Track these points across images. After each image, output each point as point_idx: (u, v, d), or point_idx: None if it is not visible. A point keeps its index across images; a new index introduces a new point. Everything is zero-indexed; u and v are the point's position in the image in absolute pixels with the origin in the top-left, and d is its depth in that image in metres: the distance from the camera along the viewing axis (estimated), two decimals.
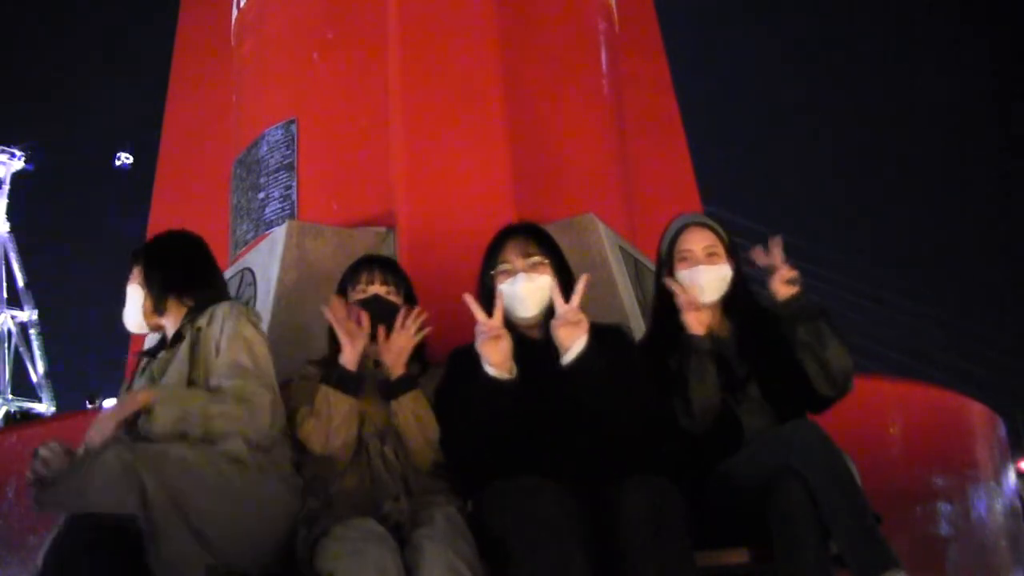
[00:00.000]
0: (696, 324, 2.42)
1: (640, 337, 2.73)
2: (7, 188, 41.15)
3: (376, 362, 2.52)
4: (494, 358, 2.25)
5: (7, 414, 37.08)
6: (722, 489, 2.28)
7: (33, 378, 40.29)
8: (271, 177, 3.90)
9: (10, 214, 41.43)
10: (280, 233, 3.35)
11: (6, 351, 39.83)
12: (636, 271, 3.59)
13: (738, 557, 2.20)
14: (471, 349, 2.40)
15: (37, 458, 2.06)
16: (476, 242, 2.61)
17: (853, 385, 2.44)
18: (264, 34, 4.24)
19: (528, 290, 2.43)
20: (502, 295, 2.42)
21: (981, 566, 3.55)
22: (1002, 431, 4.12)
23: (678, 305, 2.45)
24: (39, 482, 2.02)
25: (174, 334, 2.45)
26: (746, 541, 2.20)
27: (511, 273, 2.46)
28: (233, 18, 4.53)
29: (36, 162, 41.44)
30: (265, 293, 3.23)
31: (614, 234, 3.59)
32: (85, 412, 3.37)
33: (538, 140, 3.78)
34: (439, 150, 3.37)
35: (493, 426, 2.26)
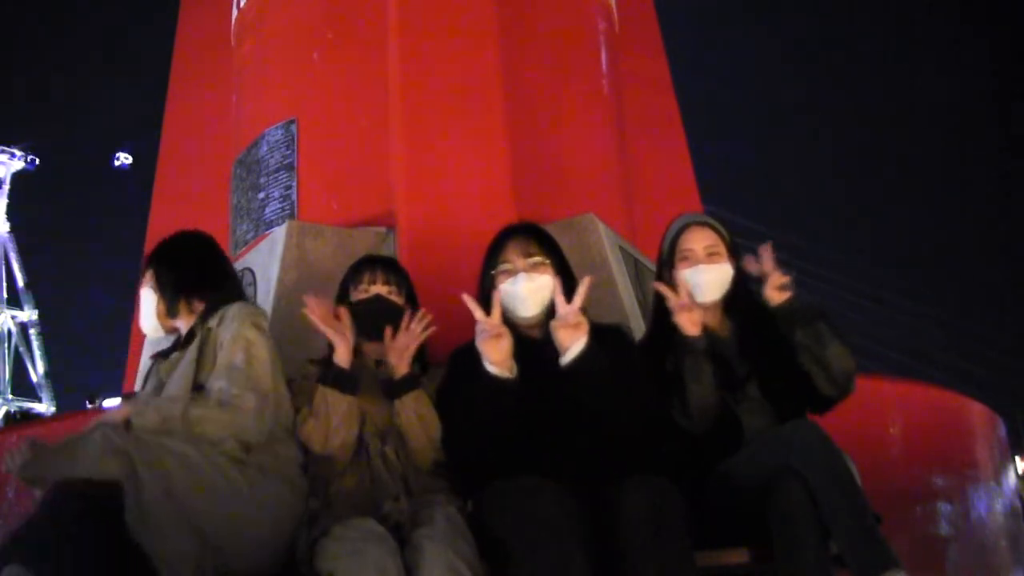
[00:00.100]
0: (689, 325, 2.41)
1: (640, 337, 2.73)
2: (7, 188, 41.20)
3: (378, 362, 2.52)
4: (494, 356, 2.25)
5: (7, 414, 37.10)
6: (722, 489, 2.28)
7: (33, 378, 40.34)
8: (271, 177, 3.90)
9: (10, 214, 41.50)
10: (280, 233, 3.35)
11: (6, 351, 39.85)
12: (636, 271, 3.59)
13: (738, 557, 2.20)
14: (472, 349, 2.40)
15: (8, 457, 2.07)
16: (476, 242, 2.60)
17: (855, 386, 2.44)
18: (264, 34, 4.24)
19: (529, 290, 2.43)
20: (501, 294, 2.42)
21: (981, 566, 3.55)
22: (1002, 431, 4.12)
23: (669, 307, 2.44)
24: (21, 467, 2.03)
25: (186, 334, 2.46)
26: (746, 541, 2.20)
27: (512, 273, 2.46)
28: (233, 18, 4.53)
29: (36, 161, 41.51)
30: (265, 293, 3.23)
31: (614, 234, 3.59)
32: (85, 412, 3.37)
33: (538, 140, 3.78)
34: (439, 150, 3.37)
35: (494, 426, 2.26)
